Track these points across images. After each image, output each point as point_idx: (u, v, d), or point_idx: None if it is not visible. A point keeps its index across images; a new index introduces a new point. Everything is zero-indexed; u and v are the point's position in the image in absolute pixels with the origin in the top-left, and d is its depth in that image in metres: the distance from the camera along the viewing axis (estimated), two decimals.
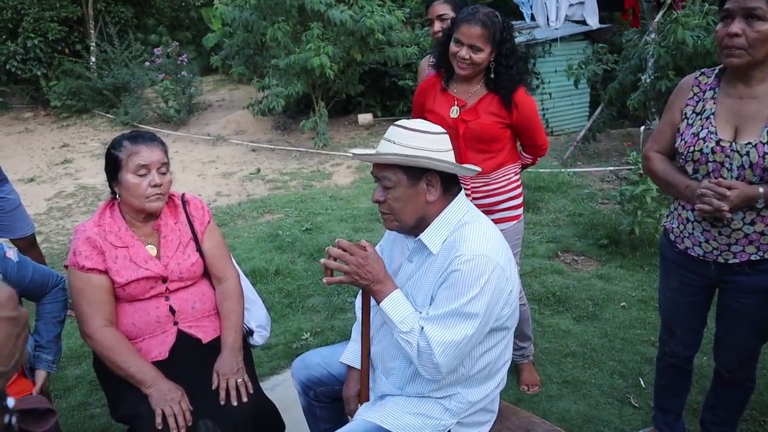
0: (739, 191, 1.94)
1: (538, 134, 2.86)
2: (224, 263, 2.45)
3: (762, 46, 1.92)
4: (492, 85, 2.71)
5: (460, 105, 2.75)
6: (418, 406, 1.91)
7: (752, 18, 1.90)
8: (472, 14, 2.60)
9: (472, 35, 2.58)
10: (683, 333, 2.45)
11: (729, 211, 1.96)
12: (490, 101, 2.72)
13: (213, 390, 2.18)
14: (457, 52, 2.63)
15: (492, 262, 1.76)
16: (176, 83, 10.64)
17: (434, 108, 2.82)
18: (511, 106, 2.69)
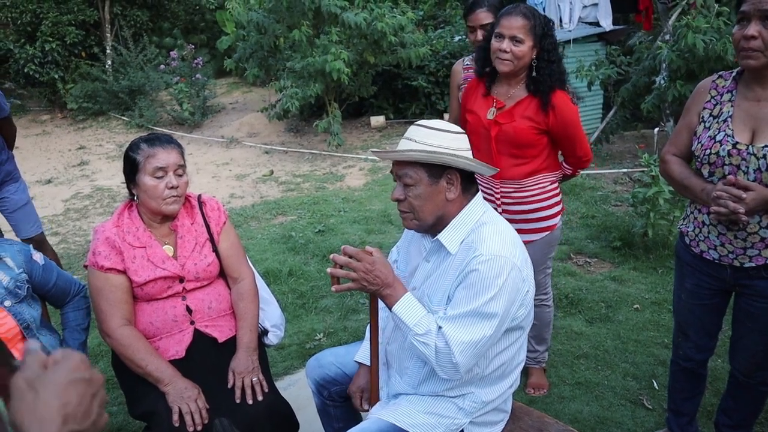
0: (756, 194, 1.94)
1: (579, 144, 2.74)
2: (240, 263, 2.48)
3: None
4: (533, 86, 2.64)
5: (498, 106, 2.70)
6: (432, 405, 1.92)
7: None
8: (512, 8, 2.59)
9: (512, 26, 2.54)
10: (697, 336, 2.45)
11: (745, 214, 1.95)
12: (528, 105, 2.66)
13: (229, 388, 2.22)
14: (498, 46, 2.58)
15: (509, 262, 1.78)
16: (191, 86, 10.72)
17: (474, 108, 2.79)
18: (548, 107, 2.61)
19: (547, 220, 2.83)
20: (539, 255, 2.88)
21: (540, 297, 3.00)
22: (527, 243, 2.79)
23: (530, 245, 2.82)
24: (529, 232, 2.82)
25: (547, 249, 2.92)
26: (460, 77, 3.32)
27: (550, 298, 3.10)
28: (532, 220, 2.81)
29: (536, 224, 2.82)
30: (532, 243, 2.83)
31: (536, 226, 2.82)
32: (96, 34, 12.66)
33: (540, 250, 2.88)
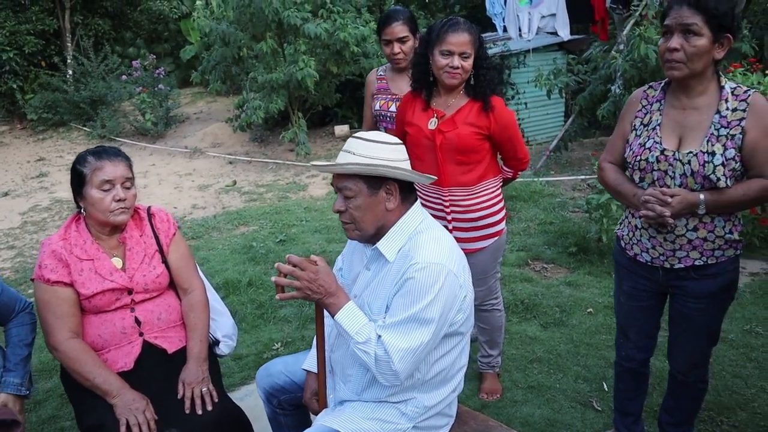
0: (681, 198, 2.04)
1: (518, 146, 2.86)
2: (190, 274, 2.49)
3: (699, 60, 2.03)
4: (472, 92, 2.73)
5: (439, 116, 2.76)
6: (375, 411, 1.96)
7: (689, 33, 2.01)
8: (455, 24, 2.64)
9: (461, 43, 2.61)
10: (637, 337, 2.53)
11: (671, 217, 2.05)
12: (469, 111, 2.73)
13: (179, 399, 2.22)
14: (448, 63, 2.64)
15: (445, 269, 1.83)
16: (153, 96, 10.66)
17: (414, 120, 2.84)
18: (488, 110, 2.69)
19: (495, 225, 2.90)
20: (490, 261, 2.95)
21: (491, 302, 3.07)
22: (479, 250, 2.87)
23: (481, 252, 2.89)
24: (480, 240, 2.88)
25: (497, 254, 2.99)
26: (374, 87, 3.40)
27: (501, 302, 3.16)
28: (482, 227, 2.87)
29: (486, 230, 2.88)
30: (484, 250, 2.89)
31: (486, 233, 2.89)
32: (56, 44, 12.51)
33: (491, 256, 2.94)
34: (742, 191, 2.05)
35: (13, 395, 2.23)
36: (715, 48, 2.04)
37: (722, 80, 2.12)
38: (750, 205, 2.14)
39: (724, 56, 2.08)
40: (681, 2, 2.04)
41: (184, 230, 6.06)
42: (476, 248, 2.89)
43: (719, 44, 2.04)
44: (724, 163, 2.03)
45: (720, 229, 2.14)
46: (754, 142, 2.03)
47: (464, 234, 2.87)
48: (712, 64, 2.09)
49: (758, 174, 2.06)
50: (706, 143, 2.06)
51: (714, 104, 2.09)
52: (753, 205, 2.17)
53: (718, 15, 2.00)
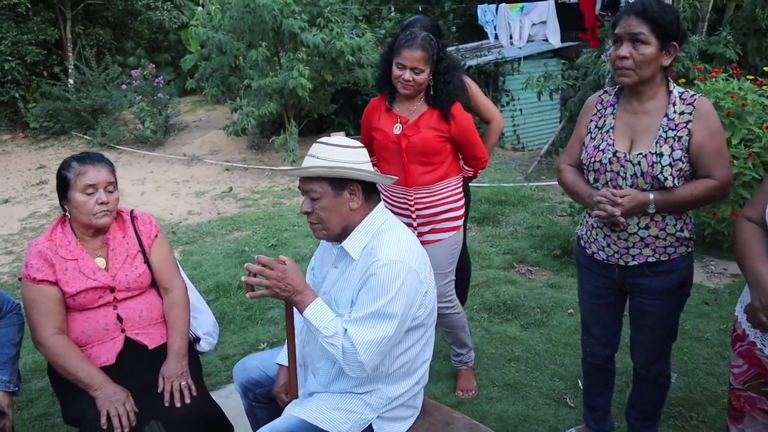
0: (631, 197, 2.15)
1: (477, 147, 3.06)
2: (171, 274, 2.60)
3: (647, 67, 2.14)
4: (432, 101, 2.92)
5: (403, 122, 2.94)
6: (341, 402, 2.06)
7: (637, 42, 2.13)
8: (411, 40, 2.81)
9: (414, 59, 2.79)
10: (600, 333, 2.63)
11: (622, 216, 2.16)
12: (430, 116, 2.92)
13: (159, 393, 2.33)
14: (401, 75, 2.83)
15: (406, 265, 1.94)
16: (153, 105, 10.80)
17: (379, 126, 3.02)
18: (449, 118, 2.89)
19: (453, 221, 3.07)
20: (444, 256, 3.08)
21: (444, 304, 3.12)
22: (436, 242, 3.01)
23: (438, 244, 3.05)
24: (438, 232, 3.05)
25: (453, 249, 3.11)
26: None
27: (457, 304, 3.21)
28: (440, 221, 3.04)
29: (444, 224, 3.05)
30: (440, 242, 3.06)
31: (444, 226, 3.05)
32: (58, 54, 12.68)
33: (445, 251, 3.08)
34: (689, 191, 2.16)
35: (2, 391, 2.33)
36: (662, 55, 2.16)
37: (671, 85, 2.24)
38: (698, 204, 2.24)
39: (671, 63, 2.19)
40: (629, 12, 2.16)
41: (179, 235, 6.18)
42: (433, 240, 3.05)
43: (666, 52, 2.16)
44: (671, 163, 2.13)
45: (671, 227, 2.25)
46: (700, 144, 2.14)
47: (424, 228, 3.05)
48: (660, 71, 2.20)
49: (705, 174, 2.17)
50: (655, 145, 2.16)
51: (663, 108, 2.20)
52: (700, 204, 2.27)
53: (664, 24, 2.12)
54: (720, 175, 2.16)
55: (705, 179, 2.16)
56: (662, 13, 2.12)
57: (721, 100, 4.82)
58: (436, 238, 3.05)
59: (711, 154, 2.14)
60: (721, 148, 2.18)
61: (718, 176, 2.16)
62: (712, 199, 2.22)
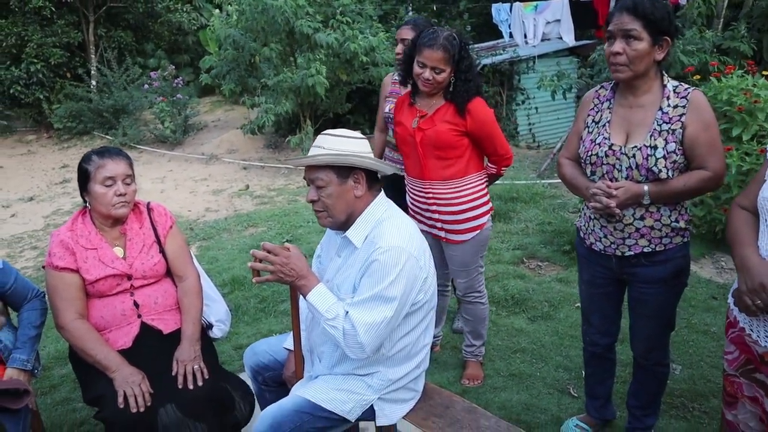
0: (625, 189, 2.22)
1: (498, 143, 3.03)
2: (185, 263, 2.72)
3: (641, 62, 2.21)
4: (450, 96, 2.94)
5: (420, 115, 2.98)
6: (343, 383, 2.17)
7: (630, 38, 2.19)
8: (433, 39, 2.84)
9: (434, 59, 2.83)
10: (600, 323, 2.70)
11: (617, 207, 2.24)
12: (446, 110, 2.94)
13: (173, 375, 2.44)
14: (421, 73, 2.87)
15: (405, 252, 2.03)
16: (172, 105, 11.00)
17: (401, 119, 3.08)
18: (464, 113, 2.90)
19: (477, 219, 3.06)
20: (470, 255, 3.13)
21: (473, 294, 3.24)
22: (461, 243, 3.06)
23: (462, 245, 3.08)
24: (462, 233, 3.07)
25: (478, 248, 3.14)
26: (388, 89, 3.64)
27: (484, 296, 3.31)
28: (463, 221, 3.04)
29: (467, 224, 3.05)
30: (463, 243, 3.08)
31: (468, 226, 3.06)
32: (81, 56, 12.94)
33: (472, 249, 3.12)
34: (683, 182, 2.23)
35: (19, 369, 2.46)
36: (654, 50, 2.22)
37: (665, 79, 2.30)
38: (691, 195, 2.30)
39: (664, 57, 2.26)
40: (621, 9, 2.22)
41: (197, 231, 6.33)
42: (458, 240, 3.08)
43: (659, 46, 2.23)
44: (665, 156, 2.20)
45: (666, 218, 2.31)
46: (694, 136, 2.20)
47: (447, 226, 3.07)
48: (654, 65, 2.27)
49: (699, 166, 2.23)
50: (650, 138, 2.23)
51: (657, 101, 2.26)
52: (694, 195, 2.33)
53: (656, 20, 2.18)
54: (713, 167, 2.22)
55: (699, 170, 2.23)
56: (653, 9, 2.18)
57: (734, 97, 4.84)
58: (460, 239, 3.07)
59: (704, 146, 2.21)
60: (715, 140, 2.24)
61: (712, 167, 2.22)
62: (706, 189, 2.29)
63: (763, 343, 1.90)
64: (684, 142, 2.22)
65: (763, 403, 1.99)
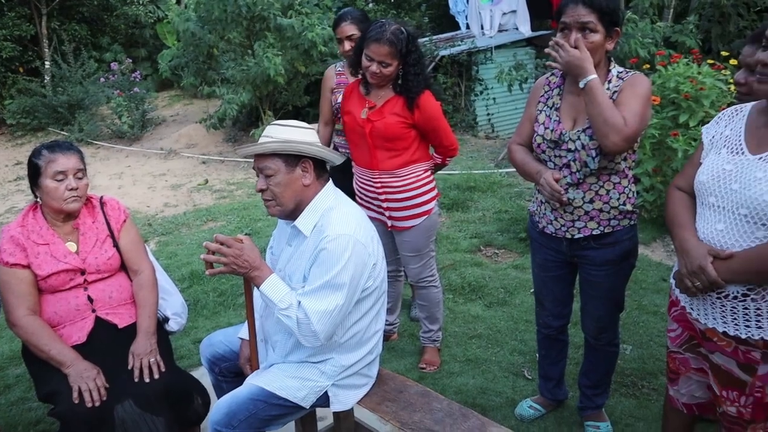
0: (578, 56, 2.22)
1: (444, 135, 3.14)
2: (139, 257, 2.72)
3: (596, 53, 2.27)
4: (399, 89, 3.02)
5: (370, 106, 3.05)
6: (297, 371, 2.20)
7: (586, 30, 2.24)
8: (381, 33, 2.89)
9: (381, 53, 2.89)
10: (552, 305, 2.79)
11: (563, 195, 2.35)
12: (395, 103, 3.02)
13: (129, 369, 2.45)
14: (369, 66, 2.94)
15: (353, 239, 2.08)
16: (129, 100, 10.82)
17: (350, 109, 3.13)
18: (413, 107, 2.99)
19: (423, 205, 3.16)
20: (421, 239, 3.22)
21: (427, 279, 3.32)
22: (411, 228, 3.13)
23: (412, 230, 3.16)
24: (410, 218, 3.16)
25: (428, 233, 3.24)
26: (333, 81, 3.68)
27: (437, 279, 3.40)
28: (411, 207, 3.14)
29: (416, 210, 3.15)
30: (414, 228, 3.17)
31: (416, 212, 3.15)
32: (34, 49, 12.62)
33: (422, 234, 3.21)
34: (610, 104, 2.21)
35: None
36: (607, 41, 2.29)
37: (611, 65, 2.38)
38: (604, 117, 2.19)
39: (614, 47, 2.33)
40: (576, 1, 2.25)
41: (155, 227, 6.27)
42: (408, 226, 3.17)
43: (610, 37, 2.30)
44: None
45: (615, 201, 2.40)
46: (619, 98, 2.26)
47: (396, 213, 3.15)
48: (604, 55, 2.34)
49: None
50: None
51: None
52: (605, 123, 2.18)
53: (609, 12, 2.24)
54: (628, 120, 2.19)
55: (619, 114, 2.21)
56: (607, 1, 2.24)
57: (681, 84, 4.99)
58: (409, 224, 3.16)
59: (625, 100, 2.24)
60: (637, 102, 2.23)
61: (627, 119, 2.19)
62: (613, 129, 2.19)
63: (703, 320, 1.99)
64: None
65: (709, 374, 2.09)
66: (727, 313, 1.91)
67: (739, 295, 1.87)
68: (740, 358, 1.93)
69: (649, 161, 5.08)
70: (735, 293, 1.87)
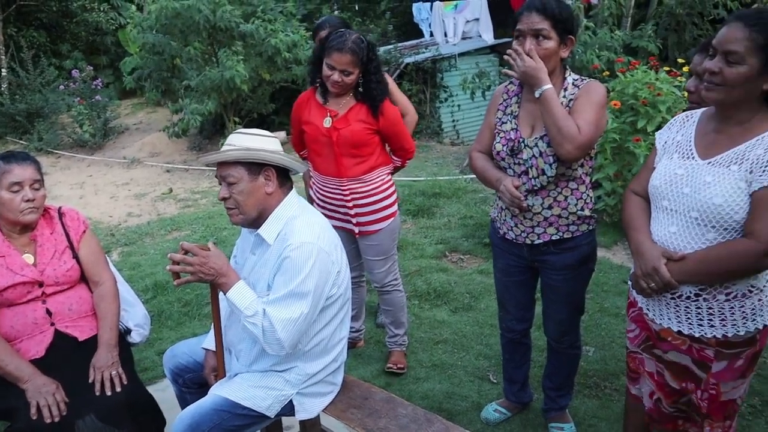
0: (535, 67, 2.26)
1: (404, 139, 3.23)
2: (100, 268, 2.67)
3: (549, 60, 2.32)
4: (360, 97, 3.06)
5: (333, 115, 3.07)
6: (261, 380, 2.20)
7: (540, 37, 2.29)
8: (342, 43, 2.92)
9: (342, 62, 2.92)
10: (515, 309, 2.82)
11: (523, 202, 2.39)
12: (359, 110, 3.06)
13: (90, 383, 2.40)
14: (330, 75, 2.96)
15: (316, 247, 2.08)
16: (91, 108, 10.66)
17: (310, 119, 3.14)
18: (377, 114, 3.04)
19: (389, 208, 3.22)
20: (388, 241, 3.27)
21: (391, 283, 3.36)
22: (378, 231, 3.16)
23: (379, 234, 3.21)
24: (378, 222, 3.21)
25: (393, 235, 3.29)
26: None
27: (400, 283, 3.44)
28: (378, 210, 3.18)
29: (382, 213, 3.20)
30: (381, 231, 3.22)
31: (382, 215, 3.20)
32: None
33: (388, 237, 3.26)
34: (563, 112, 2.26)
35: None
36: (561, 49, 2.34)
37: (567, 73, 2.43)
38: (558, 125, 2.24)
39: (568, 54, 2.38)
40: (530, 9, 2.32)
41: (118, 237, 6.18)
42: (376, 229, 3.21)
43: (564, 45, 2.35)
44: None
45: (573, 207, 2.44)
46: (574, 106, 2.31)
47: (364, 218, 3.19)
48: (560, 62, 2.39)
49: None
50: None
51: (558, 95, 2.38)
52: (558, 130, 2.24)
53: (563, 20, 2.30)
54: (582, 128, 2.24)
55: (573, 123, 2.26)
56: (560, 10, 2.30)
57: (639, 90, 5.11)
58: (377, 228, 3.20)
59: (580, 108, 2.29)
60: (591, 110, 2.28)
61: (581, 128, 2.24)
62: (567, 138, 2.24)
63: (659, 321, 2.05)
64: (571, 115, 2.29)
65: (664, 375, 2.14)
66: (681, 313, 1.97)
67: (692, 296, 1.93)
68: (695, 355, 2.00)
69: (610, 166, 5.19)
70: (688, 293, 1.94)
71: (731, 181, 1.82)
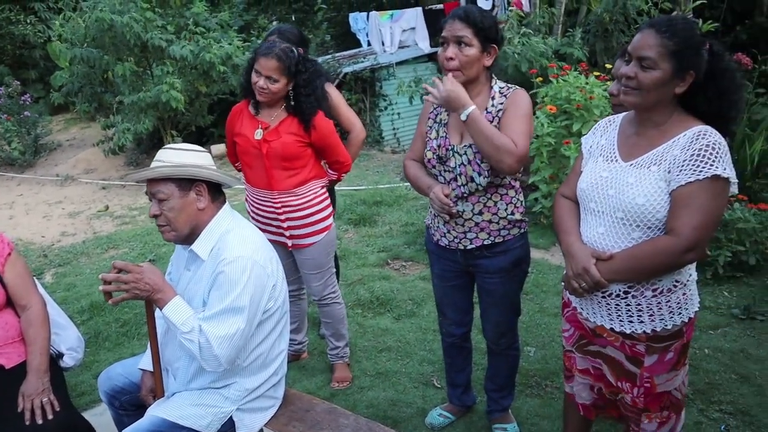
0: (455, 92, 2.31)
1: (339, 152, 3.20)
2: (27, 291, 2.58)
3: (471, 67, 2.37)
4: (291, 110, 3.03)
5: (264, 127, 3.04)
6: (200, 398, 2.16)
7: (462, 44, 2.35)
8: (269, 49, 2.91)
9: (268, 68, 2.90)
10: (453, 314, 2.86)
11: (452, 208, 2.43)
12: (290, 123, 3.03)
13: (20, 412, 2.31)
14: (257, 81, 2.94)
15: (251, 260, 2.06)
16: (19, 124, 10.30)
17: (242, 131, 3.10)
18: (309, 128, 3.02)
19: (323, 221, 3.20)
20: (323, 255, 3.24)
21: (330, 296, 3.34)
22: (312, 245, 3.13)
23: (313, 247, 3.18)
24: (311, 235, 3.18)
25: (328, 248, 3.27)
26: None
27: (339, 295, 3.42)
28: (311, 224, 3.15)
29: (315, 227, 3.17)
30: (315, 245, 3.19)
31: (316, 228, 3.17)
32: None
33: (323, 250, 3.23)
34: (493, 132, 2.30)
35: None
36: (483, 56, 2.39)
37: (493, 82, 2.48)
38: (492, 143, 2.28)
39: (492, 63, 2.44)
40: (454, 17, 2.39)
41: (51, 258, 5.98)
42: (309, 243, 3.18)
43: (487, 53, 2.40)
44: None
45: (503, 211, 2.49)
46: (504, 119, 2.38)
47: (297, 231, 3.16)
48: (484, 70, 2.44)
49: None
50: None
51: (485, 103, 2.43)
52: (494, 148, 2.27)
53: (484, 28, 2.35)
54: (517, 141, 2.30)
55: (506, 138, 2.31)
56: (482, 18, 2.36)
57: (572, 94, 5.26)
58: (311, 241, 3.17)
59: (510, 122, 2.35)
60: (521, 122, 2.35)
61: (516, 141, 2.30)
62: (506, 153, 2.28)
63: (592, 319, 2.11)
64: (500, 128, 2.36)
65: (602, 370, 2.20)
66: (612, 311, 2.04)
67: (621, 293, 2.00)
68: (627, 351, 2.06)
69: (546, 169, 5.32)
70: (617, 291, 2.00)
71: (652, 182, 1.90)
